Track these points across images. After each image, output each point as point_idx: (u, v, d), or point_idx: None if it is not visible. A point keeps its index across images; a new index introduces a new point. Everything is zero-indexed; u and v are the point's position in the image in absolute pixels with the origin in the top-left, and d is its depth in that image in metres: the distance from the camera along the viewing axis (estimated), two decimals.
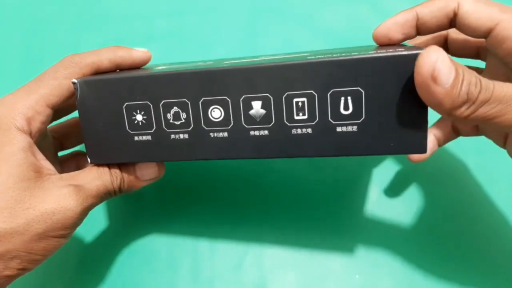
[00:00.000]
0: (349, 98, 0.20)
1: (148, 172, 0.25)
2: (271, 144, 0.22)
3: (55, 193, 0.23)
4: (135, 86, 0.23)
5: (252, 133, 0.22)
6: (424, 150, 0.20)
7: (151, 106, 0.23)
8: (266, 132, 0.22)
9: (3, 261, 0.22)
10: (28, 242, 0.23)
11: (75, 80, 0.23)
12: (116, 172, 0.25)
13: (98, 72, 0.25)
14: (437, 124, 0.28)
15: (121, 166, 0.25)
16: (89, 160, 0.24)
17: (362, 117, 0.20)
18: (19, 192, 0.23)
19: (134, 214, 0.35)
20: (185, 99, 0.22)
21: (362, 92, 0.20)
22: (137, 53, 0.26)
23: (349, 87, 0.20)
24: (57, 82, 0.24)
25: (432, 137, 0.26)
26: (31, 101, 0.24)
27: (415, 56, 0.19)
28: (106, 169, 0.25)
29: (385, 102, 0.20)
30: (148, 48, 0.27)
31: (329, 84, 0.20)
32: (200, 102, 0.22)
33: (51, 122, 0.27)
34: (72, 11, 0.36)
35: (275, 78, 0.21)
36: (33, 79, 0.25)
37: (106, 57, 0.25)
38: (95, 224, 0.34)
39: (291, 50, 0.33)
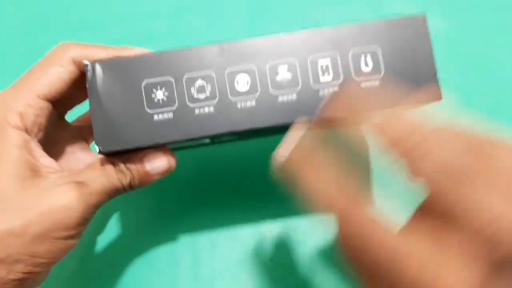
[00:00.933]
0: (368, 56, 0.22)
1: (158, 165, 0.23)
2: (300, 108, 0.22)
3: (54, 191, 0.21)
4: (156, 63, 0.22)
5: (280, 98, 0.22)
6: (439, 98, 0.22)
7: (174, 81, 0.22)
8: (294, 96, 0.22)
9: (5, 265, 0.20)
10: (28, 244, 0.20)
11: (86, 62, 0.22)
12: (123, 169, 0.23)
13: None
14: None
15: (128, 162, 0.23)
16: (98, 149, 0.22)
17: (382, 72, 0.22)
18: (14, 192, 0.21)
19: (133, 212, 0.33)
20: (210, 71, 0.22)
21: (379, 50, 0.22)
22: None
23: (368, 47, 0.22)
24: (44, 71, 0.23)
25: None
26: (21, 94, 0.22)
27: (422, 18, 0.22)
28: (111, 167, 0.23)
29: (400, 59, 0.22)
30: (148, 48, 0.26)
31: (350, 45, 0.22)
32: (225, 73, 0.22)
33: (63, 113, 0.25)
34: (72, 11, 0.36)
35: (300, 44, 0.22)
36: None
37: (100, 56, 0.23)
38: (93, 221, 0.31)
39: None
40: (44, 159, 0.23)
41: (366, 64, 0.22)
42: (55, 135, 0.25)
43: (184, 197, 0.33)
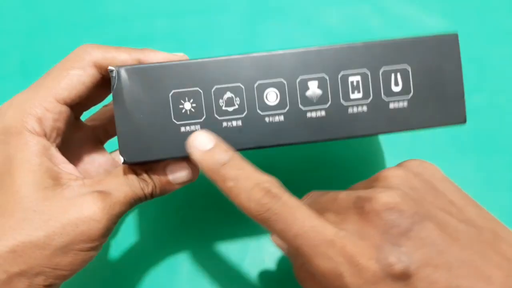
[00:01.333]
0: (398, 75, 0.22)
1: (181, 175, 0.23)
2: (328, 125, 0.22)
3: (78, 201, 0.21)
4: (185, 72, 0.21)
5: (309, 114, 0.22)
6: (464, 120, 0.23)
7: (202, 92, 0.21)
8: (323, 113, 0.22)
9: (27, 278, 0.20)
10: (51, 257, 0.20)
11: (112, 68, 0.21)
12: (146, 178, 0.22)
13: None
14: None
15: (151, 171, 0.23)
16: (121, 159, 0.21)
17: (411, 93, 0.22)
18: (37, 202, 0.20)
19: (132, 216, 0.32)
20: (239, 84, 0.21)
21: (409, 70, 0.22)
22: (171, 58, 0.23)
23: (398, 66, 0.22)
24: (64, 74, 0.22)
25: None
26: (39, 99, 0.21)
27: (454, 37, 0.22)
28: (133, 175, 0.22)
29: (429, 78, 0.22)
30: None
31: (380, 63, 0.22)
32: (255, 86, 0.22)
33: (79, 114, 0.24)
34: (72, 11, 0.35)
35: (331, 59, 0.22)
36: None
37: (123, 59, 0.22)
38: None
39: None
40: (65, 166, 0.22)
41: (396, 84, 0.22)
42: (71, 137, 0.24)
43: (184, 202, 0.33)
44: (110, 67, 0.21)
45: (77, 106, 0.23)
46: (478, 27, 0.35)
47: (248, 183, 0.20)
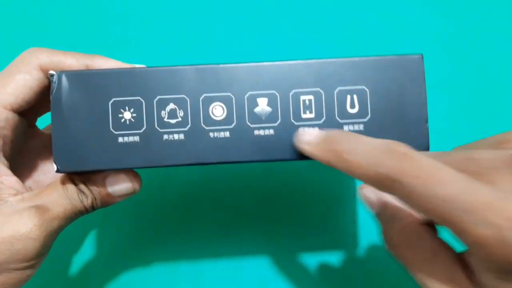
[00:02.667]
0: (355, 96, 0.21)
1: (120, 188, 0.22)
2: (277, 145, 0.21)
3: (14, 218, 0.20)
4: (127, 81, 0.20)
5: (256, 132, 0.21)
6: (426, 147, 0.21)
7: (144, 102, 0.20)
8: (271, 131, 0.21)
9: None
10: None
11: (53, 72, 0.20)
12: (84, 189, 0.21)
13: None
14: None
15: (90, 182, 0.22)
16: (55, 167, 0.20)
17: (368, 115, 0.21)
18: None
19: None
20: (184, 96, 0.20)
21: (367, 91, 0.21)
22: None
23: (355, 86, 0.21)
24: (10, 79, 0.21)
25: None
26: None
27: (419, 58, 0.21)
28: (72, 187, 0.21)
29: (389, 101, 0.21)
30: (147, 49, 0.24)
31: (336, 83, 0.21)
32: (200, 99, 0.20)
33: (33, 120, 0.23)
34: (71, 10, 0.34)
35: (282, 75, 0.21)
36: None
37: (70, 64, 0.21)
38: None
39: (291, 51, 0.33)
40: (7, 179, 0.21)
41: (352, 105, 0.21)
42: (25, 144, 0.23)
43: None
44: (50, 72, 0.20)
45: (28, 112, 0.22)
46: (478, 26, 0.34)
47: (369, 147, 0.17)
